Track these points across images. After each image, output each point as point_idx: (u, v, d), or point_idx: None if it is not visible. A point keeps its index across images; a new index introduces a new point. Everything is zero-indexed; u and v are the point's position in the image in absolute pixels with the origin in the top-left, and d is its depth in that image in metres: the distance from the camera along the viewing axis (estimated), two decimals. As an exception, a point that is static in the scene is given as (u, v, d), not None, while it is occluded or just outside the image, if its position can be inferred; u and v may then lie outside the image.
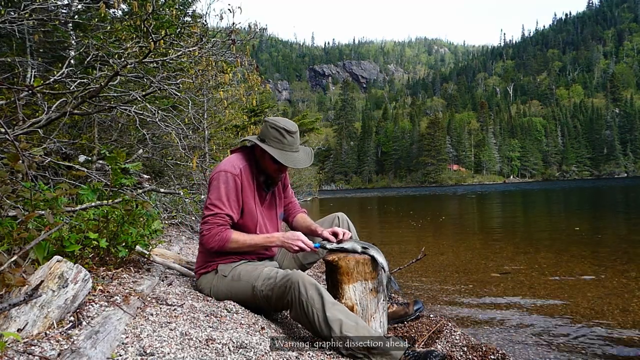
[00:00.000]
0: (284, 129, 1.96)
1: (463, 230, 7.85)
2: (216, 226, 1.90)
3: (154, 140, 5.20)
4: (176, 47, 4.10)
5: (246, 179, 1.99)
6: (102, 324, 1.28)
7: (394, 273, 3.44)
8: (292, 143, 1.98)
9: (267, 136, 1.97)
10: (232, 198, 1.93)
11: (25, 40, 4.33)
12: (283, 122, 1.99)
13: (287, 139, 1.96)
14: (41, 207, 1.77)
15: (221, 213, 1.90)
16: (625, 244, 5.18)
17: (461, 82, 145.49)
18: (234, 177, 1.94)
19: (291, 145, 1.98)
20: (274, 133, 1.96)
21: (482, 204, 17.28)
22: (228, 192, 1.92)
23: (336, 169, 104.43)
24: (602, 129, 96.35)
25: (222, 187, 1.92)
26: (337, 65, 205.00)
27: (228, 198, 1.92)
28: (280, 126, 1.96)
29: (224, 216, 1.91)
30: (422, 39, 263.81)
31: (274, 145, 1.96)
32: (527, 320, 2.47)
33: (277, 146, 1.96)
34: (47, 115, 2.87)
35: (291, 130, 1.97)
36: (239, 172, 1.96)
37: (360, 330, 1.59)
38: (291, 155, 1.98)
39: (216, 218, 1.90)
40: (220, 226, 1.90)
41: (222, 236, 1.89)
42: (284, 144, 1.96)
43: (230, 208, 1.93)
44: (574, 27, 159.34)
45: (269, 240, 1.98)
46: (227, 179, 1.93)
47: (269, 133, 1.97)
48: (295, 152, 2.00)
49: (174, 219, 5.13)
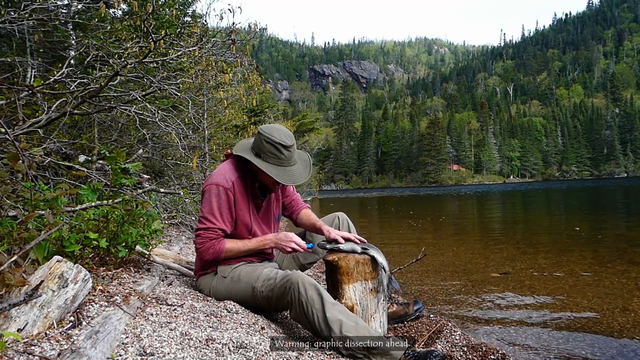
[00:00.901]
0: (280, 144, 1.88)
1: (463, 230, 7.85)
2: (208, 240, 1.90)
3: (154, 140, 5.20)
4: (176, 47, 4.10)
5: (239, 192, 1.95)
6: (102, 324, 1.28)
7: (394, 273, 3.44)
8: (290, 157, 1.92)
9: (263, 151, 1.90)
10: (224, 211, 1.91)
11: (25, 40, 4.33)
12: (278, 135, 1.89)
13: (284, 153, 1.89)
14: (41, 207, 1.77)
15: (213, 227, 1.89)
16: (625, 244, 5.18)
17: (461, 82, 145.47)
18: (226, 190, 1.91)
19: (288, 159, 1.92)
20: (269, 148, 1.88)
21: (482, 204, 17.28)
22: (220, 205, 1.90)
23: (336, 169, 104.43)
24: (602, 129, 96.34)
25: (214, 200, 1.89)
26: (337, 65, 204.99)
27: (220, 212, 1.90)
28: (277, 141, 1.87)
29: (216, 230, 1.90)
30: (422, 39, 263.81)
31: (270, 161, 1.90)
32: (527, 320, 2.47)
33: (274, 162, 1.90)
34: (47, 115, 2.87)
35: (287, 144, 1.89)
36: (231, 186, 1.92)
37: (360, 330, 1.59)
38: (289, 170, 1.92)
39: (208, 232, 1.90)
40: (213, 240, 1.90)
41: (216, 249, 1.90)
42: (281, 159, 1.90)
43: (223, 221, 1.91)
44: (574, 27, 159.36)
45: (263, 243, 1.98)
46: (218, 193, 1.90)
47: (264, 148, 1.89)
48: (292, 166, 1.94)
49: (174, 219, 5.13)
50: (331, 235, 2.01)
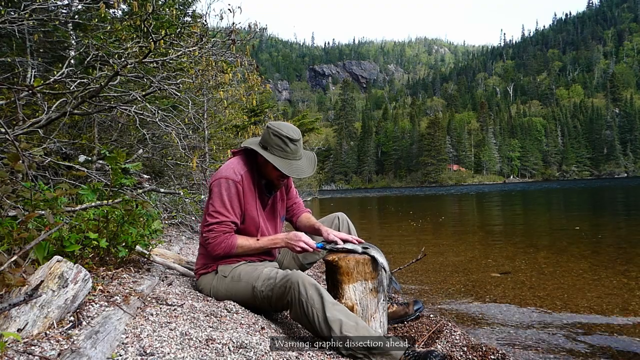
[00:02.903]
0: (287, 137, 1.91)
1: (463, 230, 7.85)
2: (222, 234, 1.91)
3: (154, 140, 5.20)
4: (176, 47, 4.10)
5: (247, 186, 1.97)
6: (102, 324, 1.28)
7: (394, 273, 3.44)
8: (295, 151, 1.95)
9: (270, 143, 1.94)
10: (235, 204, 1.93)
11: (25, 40, 4.32)
12: (286, 129, 1.94)
13: (290, 147, 1.93)
14: (41, 207, 1.76)
15: (226, 221, 1.91)
16: (625, 244, 5.18)
17: (461, 82, 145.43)
18: (236, 183, 1.93)
19: (294, 153, 1.95)
20: (276, 141, 1.92)
21: (482, 203, 17.28)
22: (231, 199, 1.92)
23: (336, 169, 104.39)
24: (602, 129, 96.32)
25: (225, 194, 1.91)
26: (337, 65, 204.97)
27: (232, 205, 1.92)
28: (284, 134, 1.91)
29: (229, 224, 1.92)
30: (422, 39, 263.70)
31: (276, 153, 1.93)
32: (527, 320, 2.47)
33: (280, 154, 1.93)
34: (47, 115, 2.87)
35: (294, 138, 1.93)
36: (240, 179, 1.94)
37: (360, 330, 1.59)
38: (294, 164, 1.95)
39: (221, 226, 1.91)
40: (226, 234, 1.91)
41: (228, 243, 1.91)
42: (287, 152, 1.93)
43: (235, 214, 1.93)
44: (574, 27, 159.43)
45: (273, 242, 1.99)
46: (228, 186, 1.92)
47: (271, 140, 1.93)
48: (298, 160, 1.97)
49: (174, 219, 5.13)
50: (330, 237, 2.02)
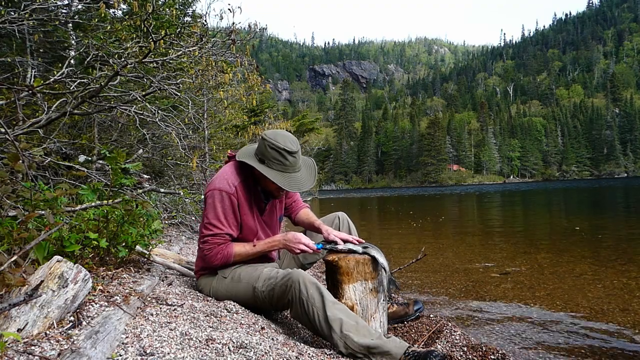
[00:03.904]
0: (284, 149, 1.84)
1: (463, 230, 7.85)
2: (217, 245, 1.89)
3: (154, 140, 5.20)
4: (176, 47, 4.10)
5: (243, 196, 1.93)
6: (102, 324, 1.28)
7: (394, 273, 3.44)
8: (295, 163, 1.88)
9: (267, 157, 1.86)
10: (229, 216, 1.89)
11: (25, 40, 4.32)
12: (283, 141, 1.85)
13: (289, 160, 1.85)
14: (41, 207, 1.76)
15: (221, 233, 1.88)
16: (625, 244, 5.17)
17: (461, 82, 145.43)
18: (230, 195, 1.88)
19: (293, 165, 1.88)
20: (273, 154, 1.84)
21: (482, 203, 17.28)
22: (225, 211, 1.88)
23: (336, 169, 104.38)
24: (602, 129, 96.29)
25: (219, 205, 1.88)
26: (337, 65, 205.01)
27: (226, 217, 1.89)
28: (281, 147, 1.83)
29: (224, 235, 1.90)
30: (422, 39, 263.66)
31: (274, 167, 1.86)
32: (527, 320, 2.47)
33: (279, 168, 1.86)
34: (47, 115, 2.87)
35: (293, 150, 1.85)
36: (234, 191, 1.89)
37: (361, 329, 1.59)
38: (294, 177, 1.89)
39: (216, 238, 1.89)
40: (221, 245, 1.90)
41: (225, 253, 1.90)
42: (285, 165, 1.86)
43: (229, 226, 1.90)
44: (574, 27, 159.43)
45: (271, 245, 1.97)
46: (222, 198, 1.88)
47: (268, 153, 1.85)
48: (297, 172, 1.91)
49: (174, 219, 5.13)
50: (330, 237, 2.00)
